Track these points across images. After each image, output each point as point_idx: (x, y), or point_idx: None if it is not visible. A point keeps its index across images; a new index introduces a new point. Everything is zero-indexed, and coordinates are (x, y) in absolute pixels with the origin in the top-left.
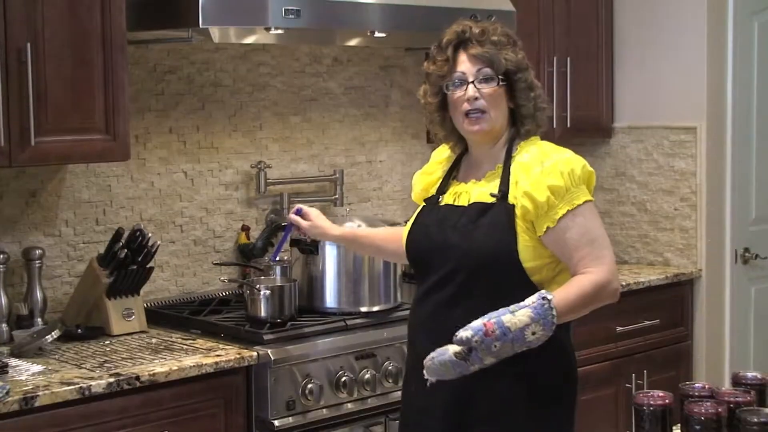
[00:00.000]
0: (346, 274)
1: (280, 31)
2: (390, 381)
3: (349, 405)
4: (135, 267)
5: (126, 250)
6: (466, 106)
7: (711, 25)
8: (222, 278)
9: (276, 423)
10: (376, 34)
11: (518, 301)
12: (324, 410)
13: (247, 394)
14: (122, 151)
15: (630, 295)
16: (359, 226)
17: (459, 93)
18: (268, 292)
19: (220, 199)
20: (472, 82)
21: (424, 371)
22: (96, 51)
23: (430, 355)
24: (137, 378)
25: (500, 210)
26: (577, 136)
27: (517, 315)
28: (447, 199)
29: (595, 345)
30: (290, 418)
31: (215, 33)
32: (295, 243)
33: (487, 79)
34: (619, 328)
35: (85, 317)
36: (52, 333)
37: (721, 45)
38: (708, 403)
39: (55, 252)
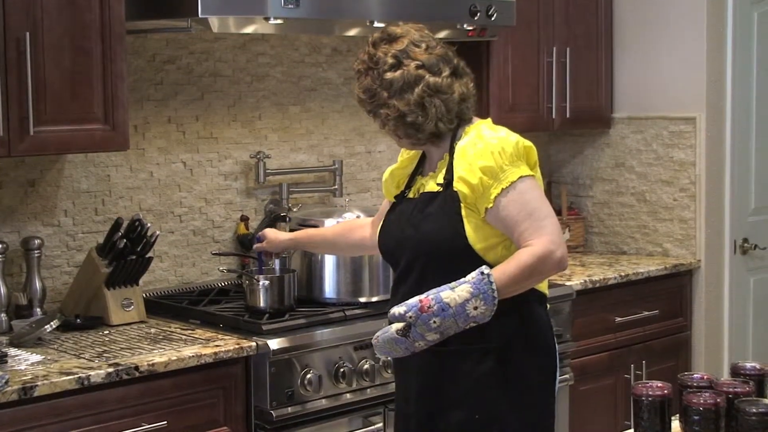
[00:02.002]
0: (344, 265)
1: (279, 21)
2: (389, 372)
3: (348, 395)
4: (134, 257)
5: (125, 240)
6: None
7: (710, 16)
8: (221, 268)
9: (275, 413)
10: (375, 24)
11: None
12: (323, 401)
13: (246, 385)
14: (121, 140)
15: (629, 285)
16: (358, 216)
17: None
18: (267, 282)
19: (219, 189)
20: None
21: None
22: (95, 41)
23: (376, 334)
24: (136, 368)
25: (445, 197)
26: (576, 127)
27: (457, 291)
28: (411, 193)
29: (594, 336)
30: (289, 408)
31: (214, 23)
32: None
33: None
34: (618, 319)
35: (84, 307)
36: (51, 323)
37: (721, 36)
38: (707, 394)
39: (54, 242)
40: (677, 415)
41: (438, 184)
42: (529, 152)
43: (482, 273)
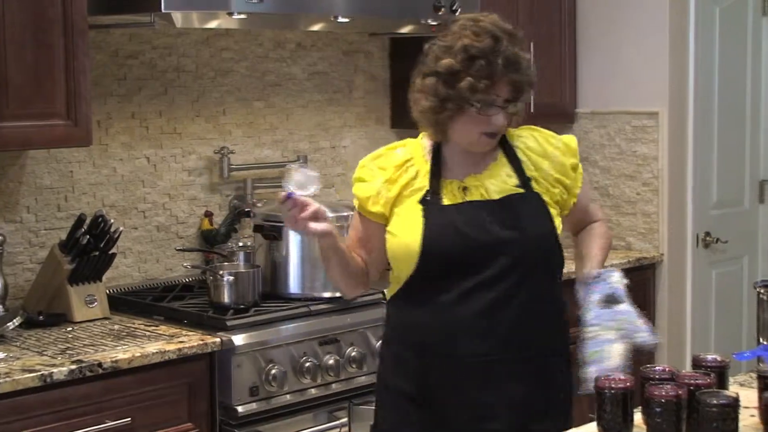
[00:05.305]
0: (309, 260)
1: (242, 16)
2: (354, 366)
3: (313, 390)
4: (97, 253)
5: (88, 237)
6: (488, 129)
7: (673, 12)
8: (185, 264)
9: (239, 409)
10: (340, 19)
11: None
12: (288, 396)
13: (211, 380)
14: (84, 136)
15: None
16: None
17: (490, 115)
18: (231, 278)
19: (183, 184)
20: (505, 108)
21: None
22: (57, 36)
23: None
24: (99, 365)
25: (532, 198)
26: (540, 122)
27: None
28: (449, 198)
29: None
30: (254, 404)
31: (178, 17)
32: (258, 229)
33: (515, 105)
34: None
35: (47, 304)
36: (14, 320)
37: (683, 31)
38: (668, 386)
39: (17, 238)
40: (640, 407)
41: (518, 186)
42: None
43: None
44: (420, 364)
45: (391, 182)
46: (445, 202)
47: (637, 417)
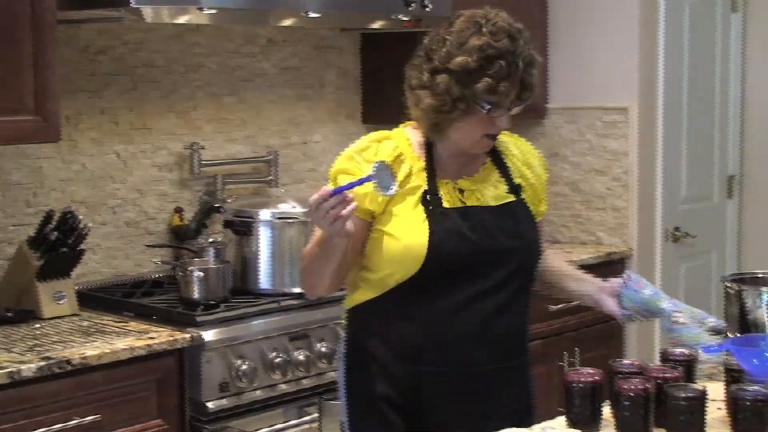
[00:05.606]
0: (279, 255)
1: (213, 11)
2: (324, 362)
3: (283, 386)
4: (66, 249)
5: (57, 233)
6: (492, 131)
7: (643, 7)
8: (155, 260)
9: (209, 405)
10: (310, 15)
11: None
12: (258, 391)
13: (180, 377)
14: (53, 132)
15: None
16: (293, 207)
17: (497, 116)
18: (201, 273)
19: (153, 180)
20: (510, 109)
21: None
22: (25, 30)
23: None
24: (68, 361)
25: (523, 206)
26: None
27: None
28: (447, 200)
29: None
30: (224, 399)
31: (148, 12)
32: (228, 224)
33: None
34: (552, 307)
35: (16, 300)
36: None
37: (653, 27)
38: (637, 380)
39: None
40: (608, 401)
41: (509, 192)
42: None
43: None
44: (411, 372)
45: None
46: (445, 204)
47: (606, 411)
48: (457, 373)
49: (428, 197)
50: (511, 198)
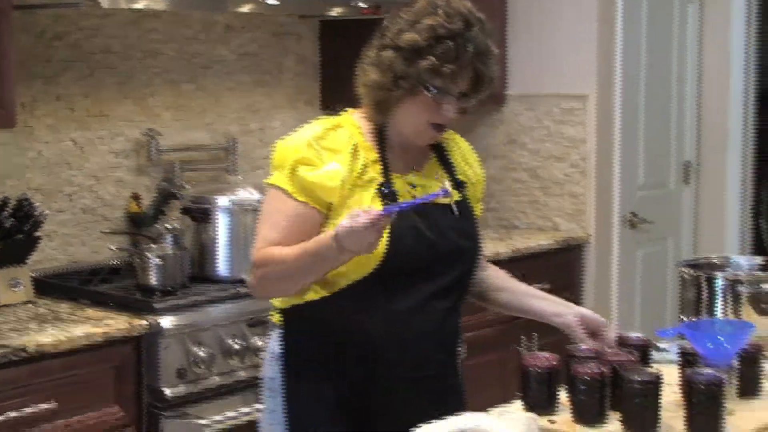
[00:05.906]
0: (237, 242)
1: None
2: None
3: (242, 372)
4: (22, 236)
5: (12, 219)
6: (437, 119)
7: None
8: (111, 247)
9: (167, 391)
10: (269, 1)
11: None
12: (216, 378)
13: (138, 363)
14: (8, 119)
15: (521, 260)
16: (251, 194)
17: (443, 105)
18: (158, 260)
19: (111, 167)
20: (459, 100)
21: None
22: None
23: None
24: (24, 349)
25: (466, 205)
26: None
27: None
28: (402, 195)
29: (485, 309)
30: (182, 386)
31: None
32: (186, 211)
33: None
34: None
35: None
36: None
37: (611, 16)
38: (593, 364)
39: None
40: (565, 385)
41: (456, 190)
42: None
43: None
44: (364, 374)
45: (350, 170)
46: (401, 200)
47: (563, 395)
48: (411, 377)
49: (385, 191)
50: (458, 196)
